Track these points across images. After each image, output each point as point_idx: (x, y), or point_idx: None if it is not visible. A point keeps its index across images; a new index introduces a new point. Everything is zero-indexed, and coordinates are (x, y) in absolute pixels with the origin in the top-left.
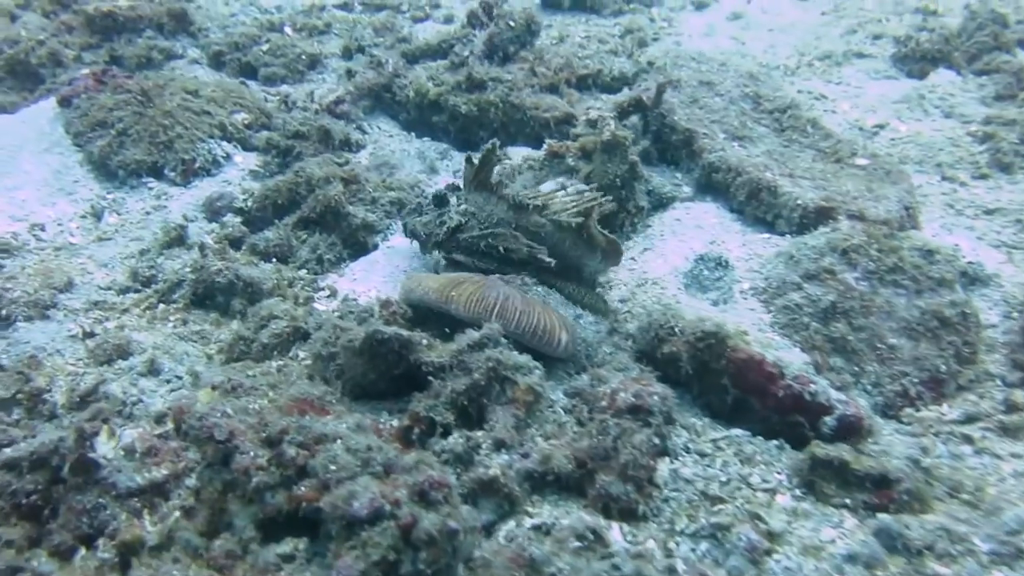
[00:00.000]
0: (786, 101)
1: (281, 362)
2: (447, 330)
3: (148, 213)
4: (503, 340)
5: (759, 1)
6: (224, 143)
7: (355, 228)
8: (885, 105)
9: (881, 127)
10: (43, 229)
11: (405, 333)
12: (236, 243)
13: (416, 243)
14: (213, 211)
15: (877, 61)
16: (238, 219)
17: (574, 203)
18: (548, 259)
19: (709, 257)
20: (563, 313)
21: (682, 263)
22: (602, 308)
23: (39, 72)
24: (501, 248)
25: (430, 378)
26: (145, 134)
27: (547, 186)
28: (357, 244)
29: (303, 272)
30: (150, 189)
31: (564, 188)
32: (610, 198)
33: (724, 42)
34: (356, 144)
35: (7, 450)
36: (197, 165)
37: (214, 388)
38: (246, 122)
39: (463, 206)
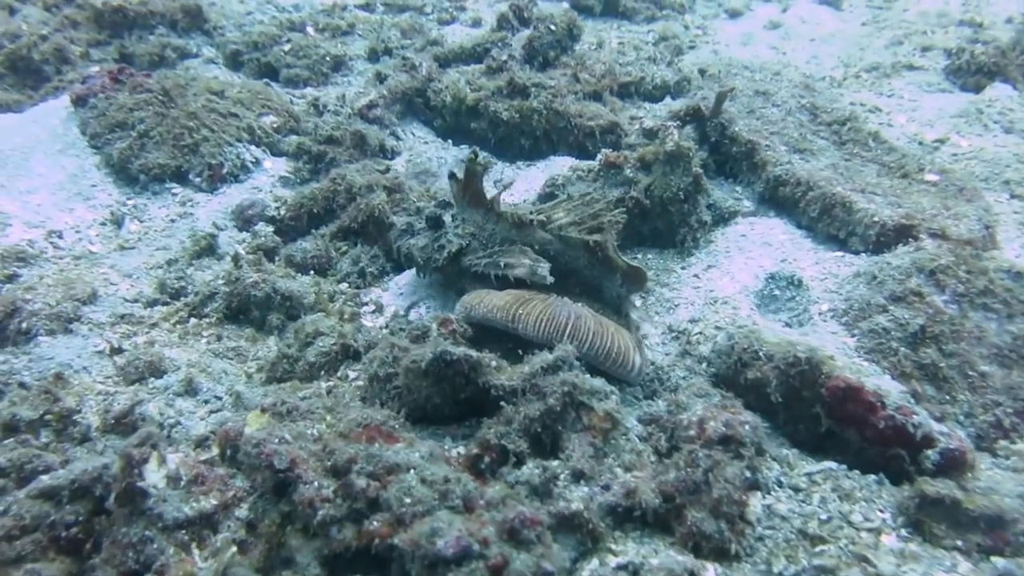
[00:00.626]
0: (844, 113)
1: (330, 383)
2: (520, 350)
3: (173, 221)
4: (576, 363)
5: (796, 10)
6: (253, 147)
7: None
8: (943, 119)
9: (941, 142)
10: (60, 236)
11: (474, 354)
12: (269, 254)
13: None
14: (244, 220)
15: (929, 74)
16: (270, 228)
17: (579, 214)
18: (546, 275)
19: (781, 276)
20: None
21: (752, 282)
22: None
23: (42, 69)
24: (501, 263)
25: (501, 403)
26: (168, 136)
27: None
28: (399, 256)
29: (344, 286)
30: (174, 195)
31: (569, 197)
32: (622, 209)
33: (763, 51)
34: (391, 151)
35: (44, 477)
36: (225, 170)
37: (263, 411)
38: (275, 125)
39: (460, 227)
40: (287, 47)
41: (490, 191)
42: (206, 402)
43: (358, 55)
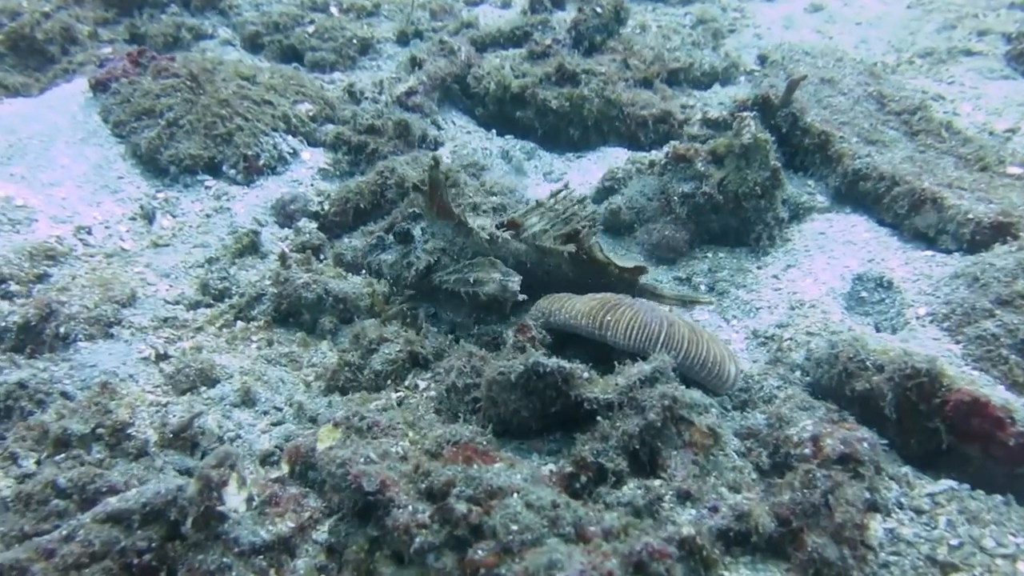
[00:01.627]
0: (914, 102)
1: (399, 393)
2: (617, 362)
3: (208, 216)
4: (672, 373)
5: None
6: (289, 137)
7: None
8: (1010, 107)
9: (1013, 132)
10: (90, 232)
11: (567, 365)
12: (315, 252)
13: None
14: (285, 215)
15: (989, 59)
16: (313, 224)
17: (551, 219)
18: (517, 291)
19: (869, 277)
20: None
21: (838, 283)
22: None
23: (47, 49)
24: (471, 279)
25: (596, 418)
26: (199, 125)
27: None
28: None
29: None
30: (207, 188)
31: (539, 203)
32: (594, 208)
33: (807, 35)
34: (433, 141)
35: (112, 500)
36: (261, 162)
37: (336, 426)
38: (311, 113)
39: (430, 242)
40: (311, 28)
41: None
42: (265, 413)
43: (386, 37)
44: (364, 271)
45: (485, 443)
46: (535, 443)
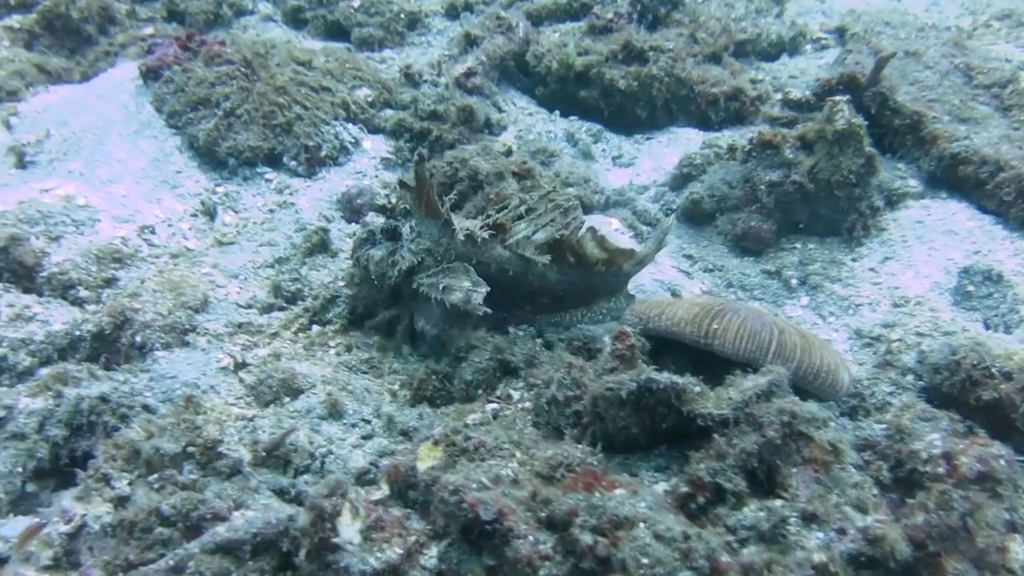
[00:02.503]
0: (1004, 74)
1: (493, 404)
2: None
3: (272, 211)
4: (787, 386)
5: None
6: (350, 125)
7: None
8: None
9: None
10: (153, 232)
11: (680, 380)
12: None
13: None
14: (352, 210)
15: None
16: (381, 219)
17: (538, 223)
18: (479, 306)
19: (976, 270)
20: None
21: (943, 277)
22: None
23: (83, 29)
24: (440, 286)
25: (714, 435)
26: (257, 115)
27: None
28: None
29: None
30: (267, 181)
31: (532, 210)
32: (577, 207)
33: None
34: (496, 125)
35: (221, 530)
36: (323, 153)
37: (436, 444)
38: (369, 99)
39: (416, 242)
40: (356, 3)
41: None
42: (354, 426)
43: (434, 10)
44: (352, 264)
45: (595, 463)
46: (639, 459)
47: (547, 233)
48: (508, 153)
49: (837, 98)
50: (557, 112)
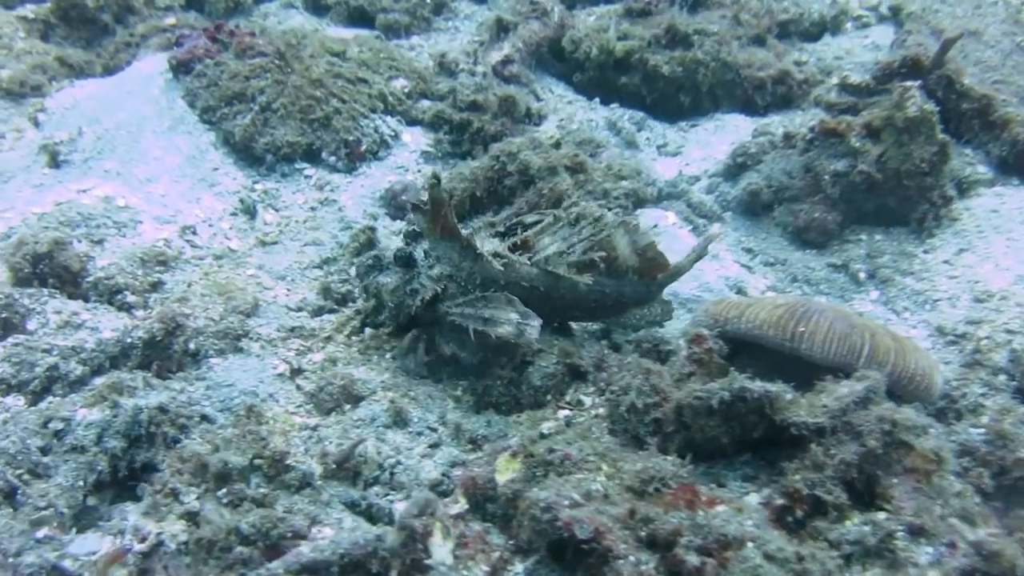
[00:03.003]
0: None
1: (565, 411)
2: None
3: (313, 208)
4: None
5: None
6: (388, 118)
7: None
8: None
9: None
10: (195, 232)
11: (774, 388)
12: None
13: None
14: (397, 206)
15: None
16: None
17: (567, 241)
18: (534, 339)
19: None
20: None
21: None
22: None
23: (99, 18)
24: (484, 316)
25: (810, 445)
26: (294, 109)
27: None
28: None
29: None
30: (307, 177)
31: (555, 218)
32: (617, 219)
33: None
34: (537, 115)
35: (305, 550)
36: (363, 147)
37: (514, 455)
38: (406, 90)
39: (436, 268)
40: None
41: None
42: (420, 434)
43: None
44: (361, 292)
45: (685, 474)
46: (723, 467)
47: (583, 248)
48: (556, 145)
49: (908, 84)
50: (597, 100)
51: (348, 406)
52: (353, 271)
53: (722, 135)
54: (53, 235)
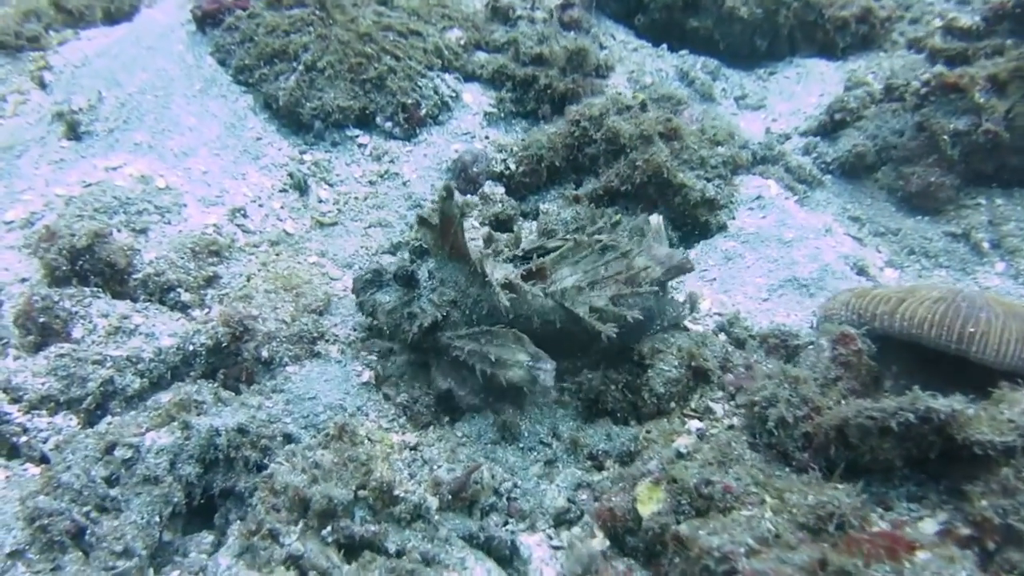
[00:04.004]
0: None
1: (695, 421)
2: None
3: (373, 183)
4: None
5: None
6: (447, 76)
7: (693, 204)
8: None
9: None
10: (245, 215)
11: (957, 405)
12: (507, 225)
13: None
14: (468, 180)
15: None
16: (500, 189)
17: (589, 273)
18: (550, 386)
19: None
20: None
21: None
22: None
23: None
24: (491, 357)
25: (1000, 468)
26: (342, 68)
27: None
28: (694, 227)
29: None
30: (360, 146)
31: (577, 243)
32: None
33: None
34: (604, 65)
35: None
36: (423, 111)
37: (657, 483)
38: (461, 42)
39: (439, 291)
40: None
41: (475, 247)
42: (531, 450)
43: None
44: (357, 308)
45: (860, 504)
46: (882, 482)
47: (611, 292)
48: (643, 107)
49: None
50: (664, 45)
51: (447, 417)
52: (350, 284)
53: (807, 84)
54: (92, 226)
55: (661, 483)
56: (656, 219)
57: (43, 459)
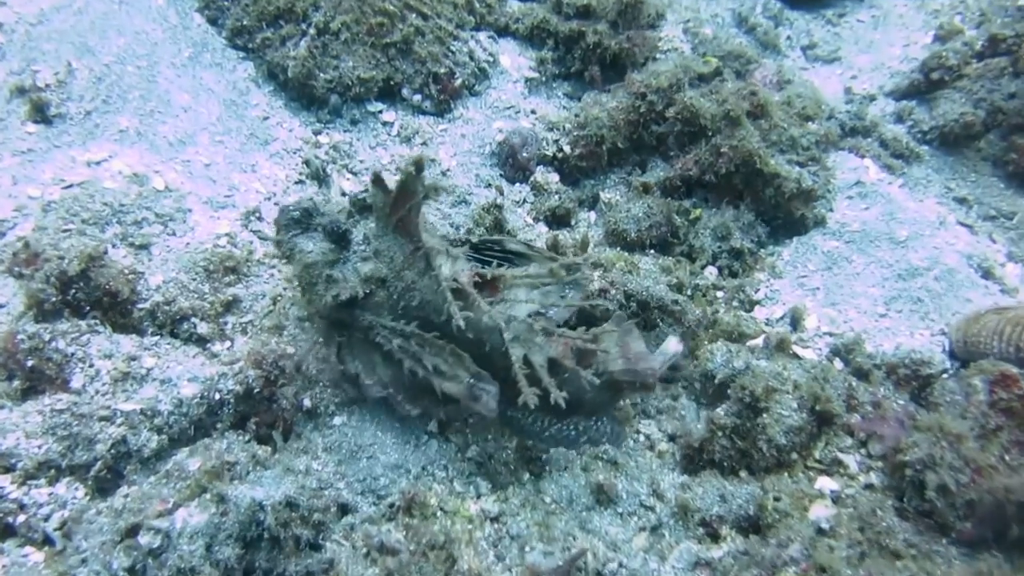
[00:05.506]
0: None
1: (831, 483)
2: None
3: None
4: None
5: None
6: (481, 36)
7: (788, 197)
8: None
9: None
10: (260, 218)
11: None
12: (562, 221)
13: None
14: (516, 166)
15: None
16: (554, 176)
17: (545, 299)
18: (494, 411)
19: None
20: None
21: None
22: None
23: None
24: (427, 365)
25: None
26: (360, 31)
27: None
28: (787, 221)
29: (710, 272)
30: (385, 125)
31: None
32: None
33: None
34: (656, 14)
35: None
36: (458, 81)
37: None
38: None
39: (370, 260)
40: None
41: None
42: (632, 515)
43: None
44: (275, 246)
45: None
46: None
47: (553, 353)
48: (716, 74)
49: None
50: None
51: (527, 474)
52: (275, 217)
53: (886, 31)
54: (84, 245)
55: (807, 573)
56: (676, 345)
57: (47, 540)
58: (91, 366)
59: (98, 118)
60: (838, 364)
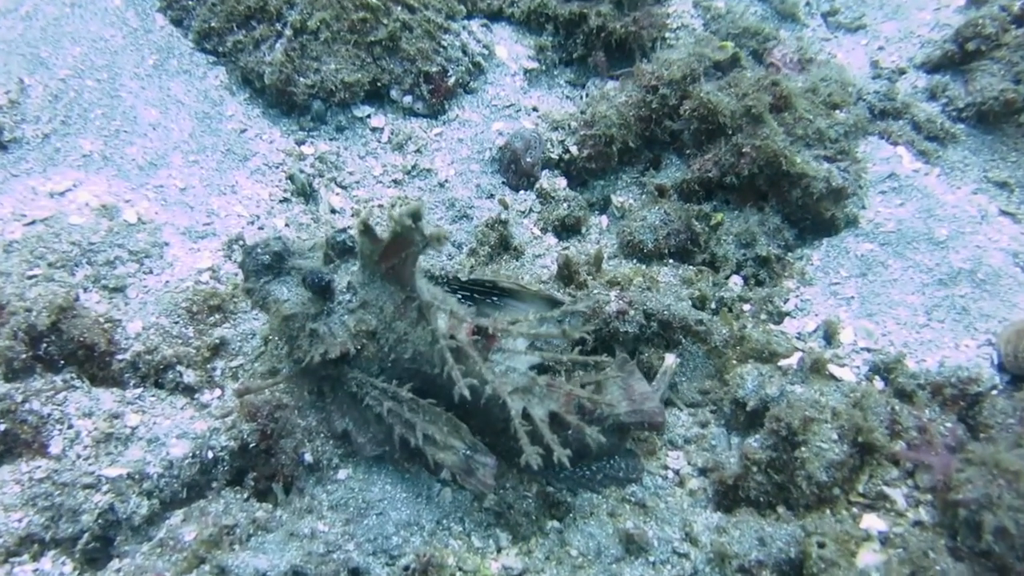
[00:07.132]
0: None
1: (879, 523)
2: None
3: (398, 182)
4: None
5: None
6: (474, 25)
7: (816, 198)
8: None
9: None
10: (244, 245)
11: None
12: (573, 230)
13: None
14: (521, 173)
15: None
16: (562, 181)
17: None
18: (491, 488)
19: None
20: None
21: None
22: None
23: None
24: (418, 433)
25: None
26: (342, 28)
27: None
28: (816, 222)
29: (734, 282)
30: (374, 131)
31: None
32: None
33: None
34: None
35: None
36: (452, 79)
37: None
38: None
39: (357, 312)
40: None
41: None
42: (664, 563)
43: None
44: (244, 294)
45: None
46: None
47: (554, 407)
48: (734, 61)
49: None
50: None
51: (552, 522)
52: (239, 259)
53: None
54: (55, 295)
55: None
56: (671, 360)
57: None
58: (70, 427)
59: (58, 141)
60: (878, 382)
